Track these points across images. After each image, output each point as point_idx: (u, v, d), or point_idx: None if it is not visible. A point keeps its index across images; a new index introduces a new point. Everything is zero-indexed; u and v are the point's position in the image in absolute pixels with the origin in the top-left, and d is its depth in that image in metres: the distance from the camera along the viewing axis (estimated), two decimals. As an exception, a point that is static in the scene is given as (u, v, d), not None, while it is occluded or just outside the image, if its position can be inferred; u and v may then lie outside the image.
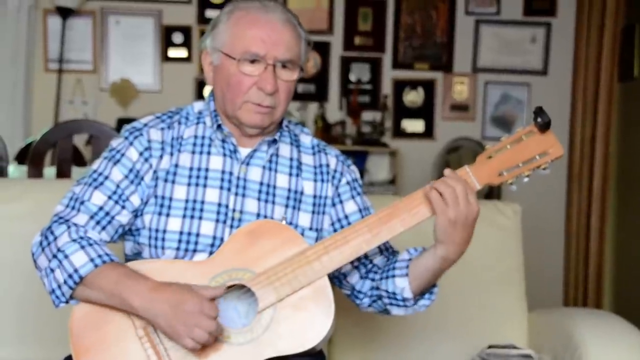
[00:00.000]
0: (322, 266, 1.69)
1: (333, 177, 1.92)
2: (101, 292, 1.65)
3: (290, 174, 1.88)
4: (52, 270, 1.67)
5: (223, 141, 1.85)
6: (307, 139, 1.96)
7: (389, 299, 1.82)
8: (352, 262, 1.82)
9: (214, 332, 1.61)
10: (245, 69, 1.78)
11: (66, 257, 1.66)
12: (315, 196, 1.89)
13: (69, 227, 1.71)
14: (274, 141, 1.87)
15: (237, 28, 1.80)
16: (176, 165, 1.82)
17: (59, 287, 1.66)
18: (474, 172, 1.70)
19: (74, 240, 1.68)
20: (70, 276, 1.65)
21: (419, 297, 1.81)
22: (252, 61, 1.77)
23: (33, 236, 1.76)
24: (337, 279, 1.92)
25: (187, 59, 5.37)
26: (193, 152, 1.84)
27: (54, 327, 2.18)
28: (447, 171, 1.69)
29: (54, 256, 1.67)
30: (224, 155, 1.84)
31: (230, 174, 1.83)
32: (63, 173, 2.99)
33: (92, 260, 1.65)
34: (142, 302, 1.62)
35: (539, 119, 1.67)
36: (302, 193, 1.87)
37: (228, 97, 1.81)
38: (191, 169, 1.82)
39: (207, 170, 1.82)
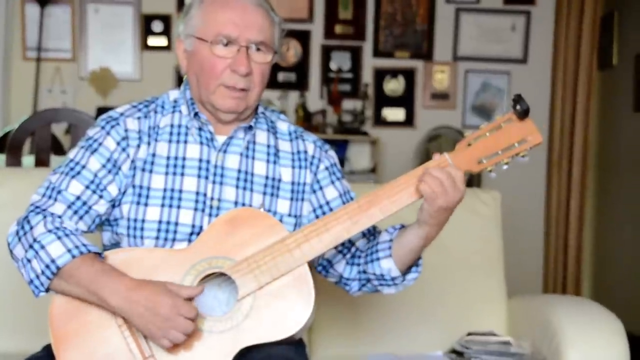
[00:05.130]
0: (303, 254, 1.70)
1: (311, 164, 1.92)
2: (78, 288, 1.64)
3: (268, 161, 1.88)
4: (29, 261, 1.65)
5: (200, 129, 1.85)
6: (284, 126, 1.96)
7: (377, 280, 1.84)
8: (335, 247, 1.82)
9: (190, 332, 1.62)
10: (219, 51, 1.78)
11: (42, 247, 1.64)
12: (293, 183, 1.89)
13: (45, 217, 1.69)
14: (250, 127, 1.87)
15: (209, 12, 1.80)
16: (153, 155, 1.81)
17: (37, 277, 1.65)
18: (454, 159, 1.70)
19: (50, 231, 1.66)
20: (47, 267, 1.63)
21: (406, 271, 1.83)
22: (225, 44, 1.78)
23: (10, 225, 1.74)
24: (323, 268, 1.92)
25: (167, 48, 5.33)
26: (170, 141, 1.83)
27: (33, 317, 2.17)
28: (435, 157, 1.71)
29: (30, 246, 1.65)
30: (201, 143, 1.84)
31: (208, 162, 1.83)
32: (42, 162, 2.97)
33: (69, 250, 1.64)
34: (119, 302, 1.62)
35: (517, 107, 1.68)
36: (279, 180, 1.87)
37: (202, 82, 1.81)
38: (168, 157, 1.82)
39: (184, 159, 1.82)
